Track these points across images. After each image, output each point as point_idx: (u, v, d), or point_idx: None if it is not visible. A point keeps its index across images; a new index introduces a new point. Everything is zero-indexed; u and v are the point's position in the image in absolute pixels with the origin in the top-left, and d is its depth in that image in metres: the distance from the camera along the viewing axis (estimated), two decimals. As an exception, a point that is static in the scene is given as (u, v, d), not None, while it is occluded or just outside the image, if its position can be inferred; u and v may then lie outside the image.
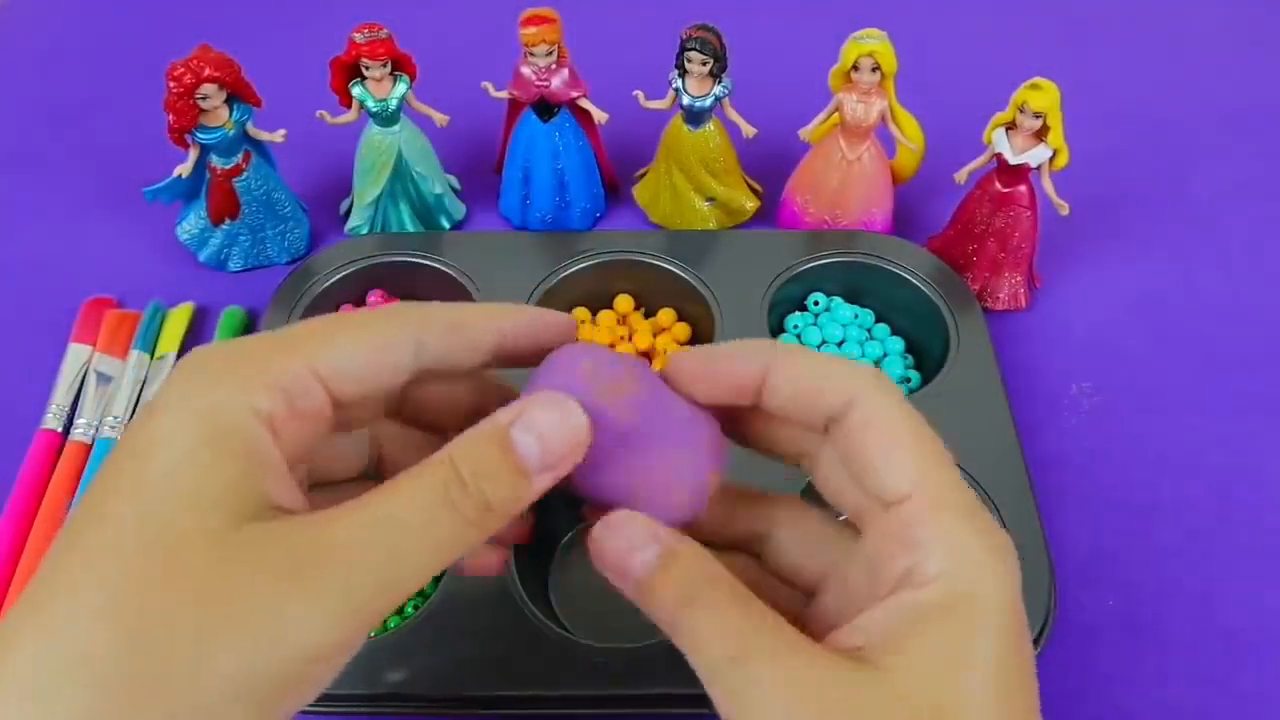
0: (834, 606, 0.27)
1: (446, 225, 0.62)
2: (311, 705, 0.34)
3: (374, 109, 0.56)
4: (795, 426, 0.27)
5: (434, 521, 0.23)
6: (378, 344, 0.25)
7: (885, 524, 0.25)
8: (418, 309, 0.26)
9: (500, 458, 0.24)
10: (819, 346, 0.55)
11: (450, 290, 0.56)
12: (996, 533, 0.24)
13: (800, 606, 0.28)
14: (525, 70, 0.56)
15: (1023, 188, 0.54)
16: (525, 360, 0.28)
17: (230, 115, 0.54)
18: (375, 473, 0.30)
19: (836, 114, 0.56)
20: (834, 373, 0.26)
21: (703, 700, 0.24)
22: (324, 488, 0.28)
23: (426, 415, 0.30)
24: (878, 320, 0.57)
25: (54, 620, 0.21)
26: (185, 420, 0.22)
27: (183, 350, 0.55)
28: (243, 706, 0.21)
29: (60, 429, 0.52)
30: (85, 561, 0.21)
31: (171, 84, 0.52)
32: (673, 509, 0.27)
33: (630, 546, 0.25)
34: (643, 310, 0.58)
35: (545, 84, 0.56)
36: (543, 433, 0.24)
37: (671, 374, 0.28)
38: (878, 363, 0.55)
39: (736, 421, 0.29)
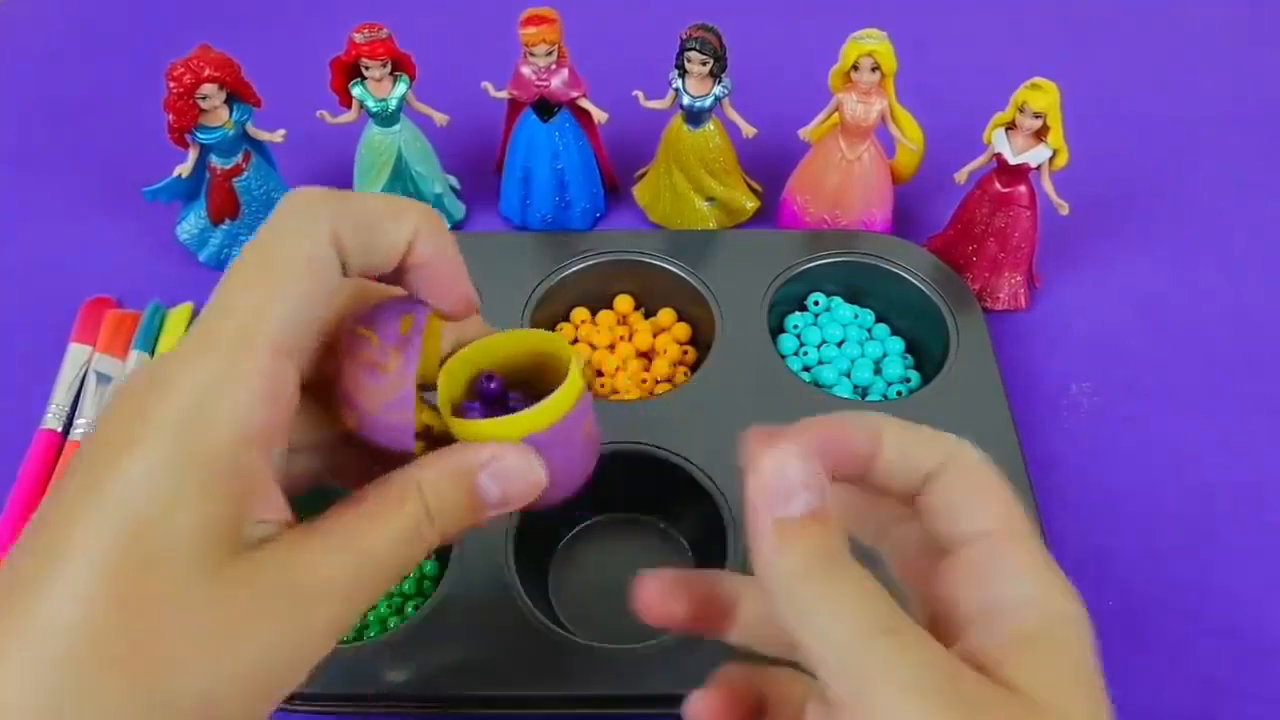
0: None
1: (446, 225, 0.62)
2: (311, 705, 0.34)
3: (374, 109, 0.56)
4: (886, 501, 0.27)
5: (405, 555, 0.25)
6: (314, 293, 0.24)
7: (968, 555, 0.25)
8: (329, 221, 0.25)
9: (464, 499, 0.25)
10: (819, 347, 0.55)
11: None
12: (1058, 569, 0.26)
13: None
14: (525, 70, 0.56)
15: (1022, 188, 0.54)
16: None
17: (230, 115, 0.54)
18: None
19: (836, 114, 0.56)
20: (932, 436, 0.26)
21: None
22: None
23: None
24: (878, 320, 0.57)
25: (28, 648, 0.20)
26: (172, 458, 0.22)
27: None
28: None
29: (60, 429, 0.52)
30: (70, 595, 0.21)
31: (171, 84, 0.52)
32: (570, 490, 0.28)
33: (807, 482, 0.23)
34: (643, 310, 0.58)
35: (545, 84, 0.56)
36: (508, 484, 0.26)
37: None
38: (878, 363, 0.55)
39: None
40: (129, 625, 0.21)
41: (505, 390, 0.28)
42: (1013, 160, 0.53)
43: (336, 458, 0.28)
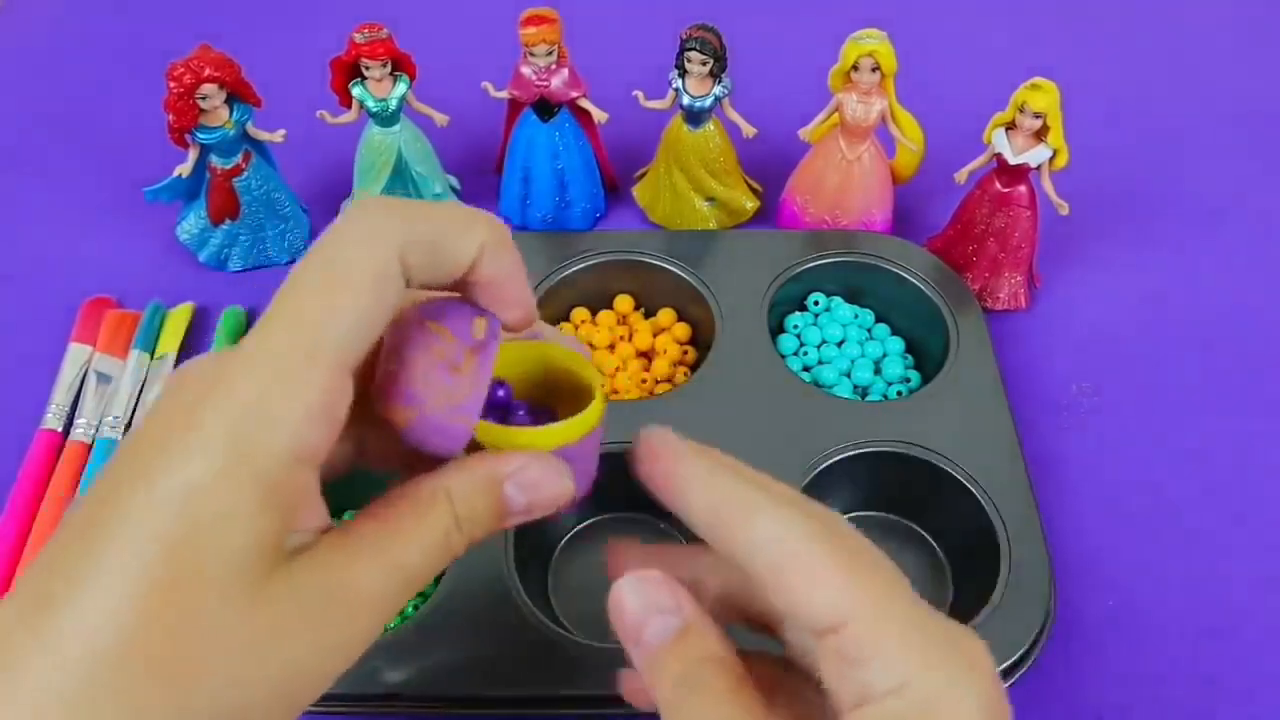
0: None
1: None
2: (312, 705, 0.34)
3: (374, 109, 0.56)
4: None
5: (434, 563, 0.25)
6: (377, 308, 0.24)
7: (832, 644, 0.24)
8: (398, 245, 0.24)
9: (491, 507, 0.26)
10: (819, 347, 0.55)
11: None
12: (963, 641, 0.24)
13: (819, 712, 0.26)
14: (525, 70, 0.56)
15: (1022, 188, 0.54)
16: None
17: (230, 115, 0.54)
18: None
19: (836, 114, 0.56)
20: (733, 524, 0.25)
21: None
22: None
23: None
24: (878, 320, 0.57)
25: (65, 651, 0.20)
26: (227, 467, 0.21)
27: (182, 350, 0.55)
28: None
29: (60, 429, 0.52)
30: (112, 597, 0.20)
31: (171, 84, 0.52)
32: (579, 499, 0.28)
33: (652, 610, 0.25)
34: (643, 310, 0.58)
35: (545, 84, 0.56)
36: (535, 494, 0.26)
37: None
38: (878, 363, 0.55)
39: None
40: (168, 634, 0.20)
41: (512, 400, 0.28)
42: (1013, 160, 0.53)
43: (367, 443, 0.28)
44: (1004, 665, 0.41)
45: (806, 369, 0.54)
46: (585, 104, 0.57)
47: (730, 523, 0.25)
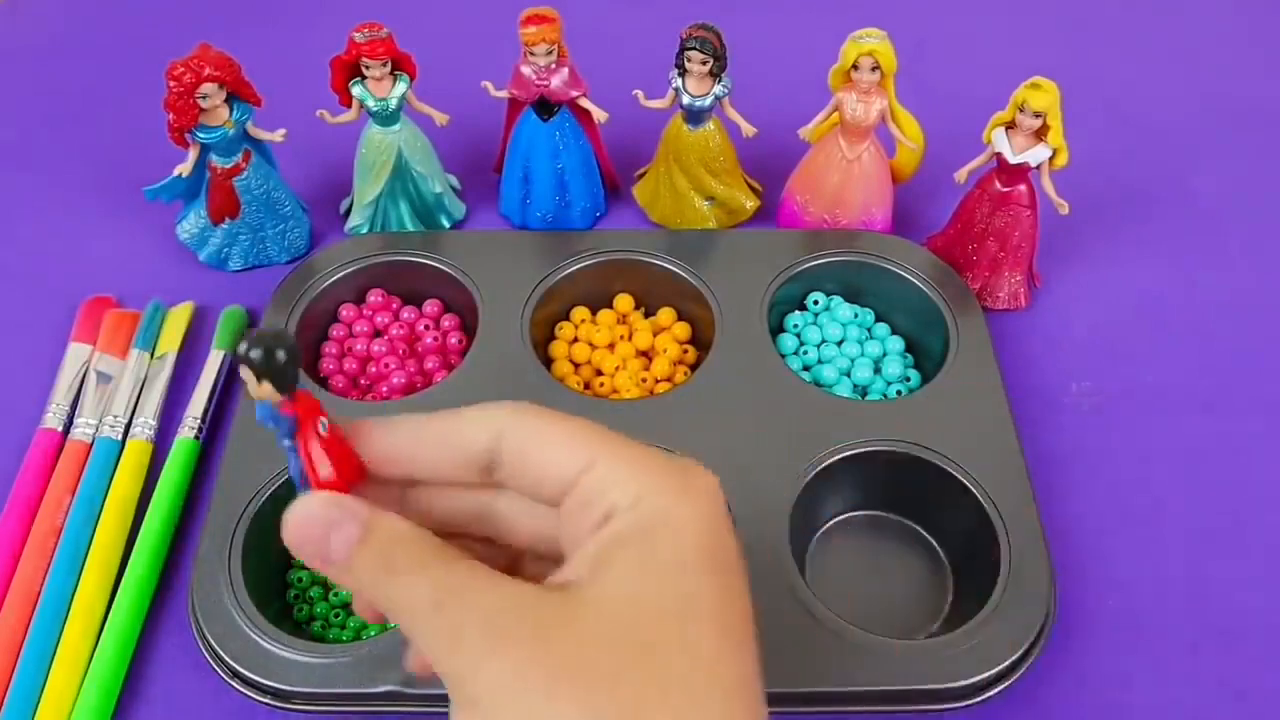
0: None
1: (447, 225, 0.62)
2: (312, 705, 0.34)
3: (374, 108, 0.56)
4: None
5: None
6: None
7: (575, 496, 0.26)
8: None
9: None
10: (819, 346, 0.55)
11: (450, 289, 0.56)
12: (692, 470, 0.26)
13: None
14: (525, 70, 0.56)
15: (1022, 187, 0.54)
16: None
17: (230, 114, 0.54)
18: None
19: (836, 113, 0.56)
20: (470, 420, 0.27)
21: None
22: None
23: None
24: (878, 320, 0.57)
25: None
26: None
27: (182, 349, 0.55)
28: None
29: (60, 428, 0.52)
30: None
31: (171, 83, 0.52)
32: None
33: (329, 525, 0.25)
34: (643, 310, 0.58)
35: (545, 83, 0.56)
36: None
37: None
38: (877, 362, 0.55)
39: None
40: None
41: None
42: (1013, 160, 0.53)
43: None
44: (1004, 665, 0.41)
45: (806, 368, 0.54)
46: (585, 103, 0.57)
47: (464, 438, 0.27)
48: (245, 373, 0.25)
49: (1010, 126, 0.53)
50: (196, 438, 0.51)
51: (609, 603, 0.23)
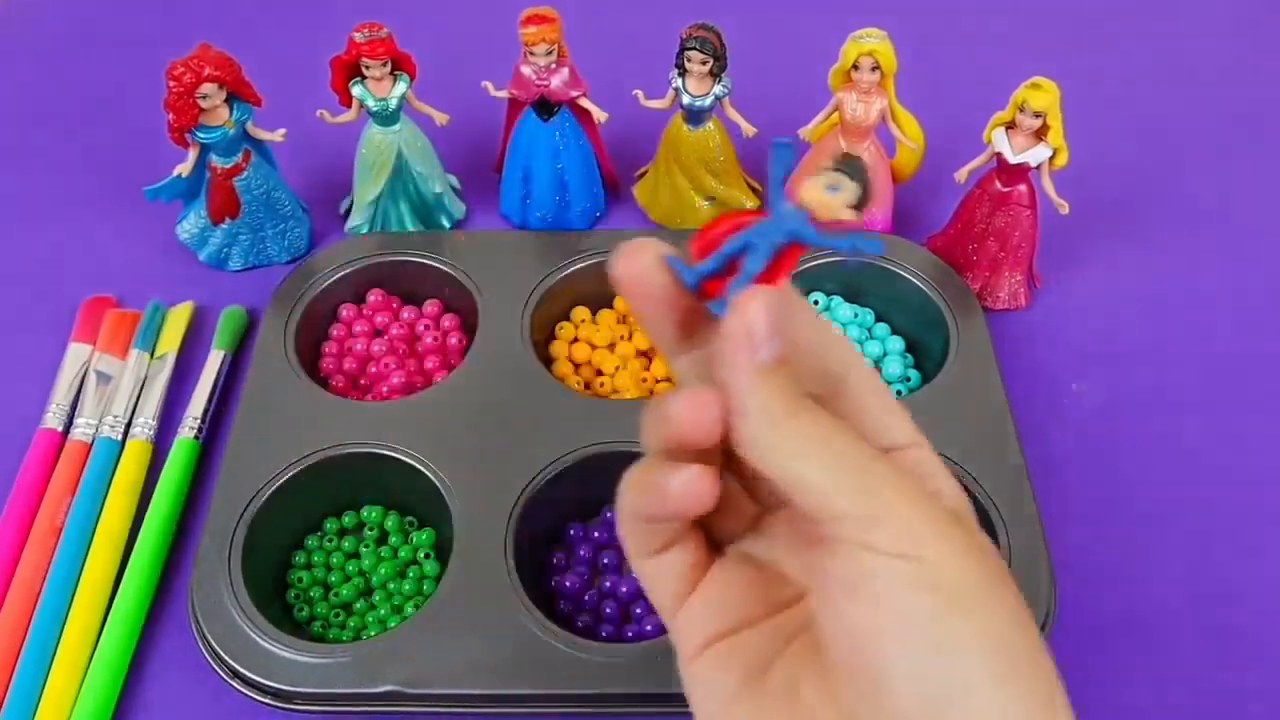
0: None
1: (447, 225, 0.62)
2: (312, 705, 0.34)
3: (374, 108, 0.56)
4: None
5: None
6: None
7: (904, 459, 0.27)
8: None
9: None
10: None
11: (450, 289, 0.56)
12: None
13: None
14: (525, 70, 0.56)
15: (1022, 187, 0.54)
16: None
17: (230, 114, 0.54)
18: None
19: (836, 113, 0.56)
20: (839, 339, 0.28)
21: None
22: None
23: None
24: (878, 320, 0.57)
25: None
26: None
27: (182, 349, 0.55)
28: None
29: (60, 428, 0.52)
30: None
31: (171, 83, 0.52)
32: None
33: (774, 330, 0.24)
34: (643, 310, 0.58)
35: (545, 83, 0.56)
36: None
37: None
38: (878, 362, 0.55)
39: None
40: None
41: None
42: (1013, 159, 0.53)
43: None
44: (1004, 665, 0.41)
45: (806, 369, 0.54)
46: (585, 103, 0.57)
47: (834, 349, 0.28)
48: (834, 178, 0.25)
49: (1010, 126, 0.53)
50: (196, 438, 0.51)
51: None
